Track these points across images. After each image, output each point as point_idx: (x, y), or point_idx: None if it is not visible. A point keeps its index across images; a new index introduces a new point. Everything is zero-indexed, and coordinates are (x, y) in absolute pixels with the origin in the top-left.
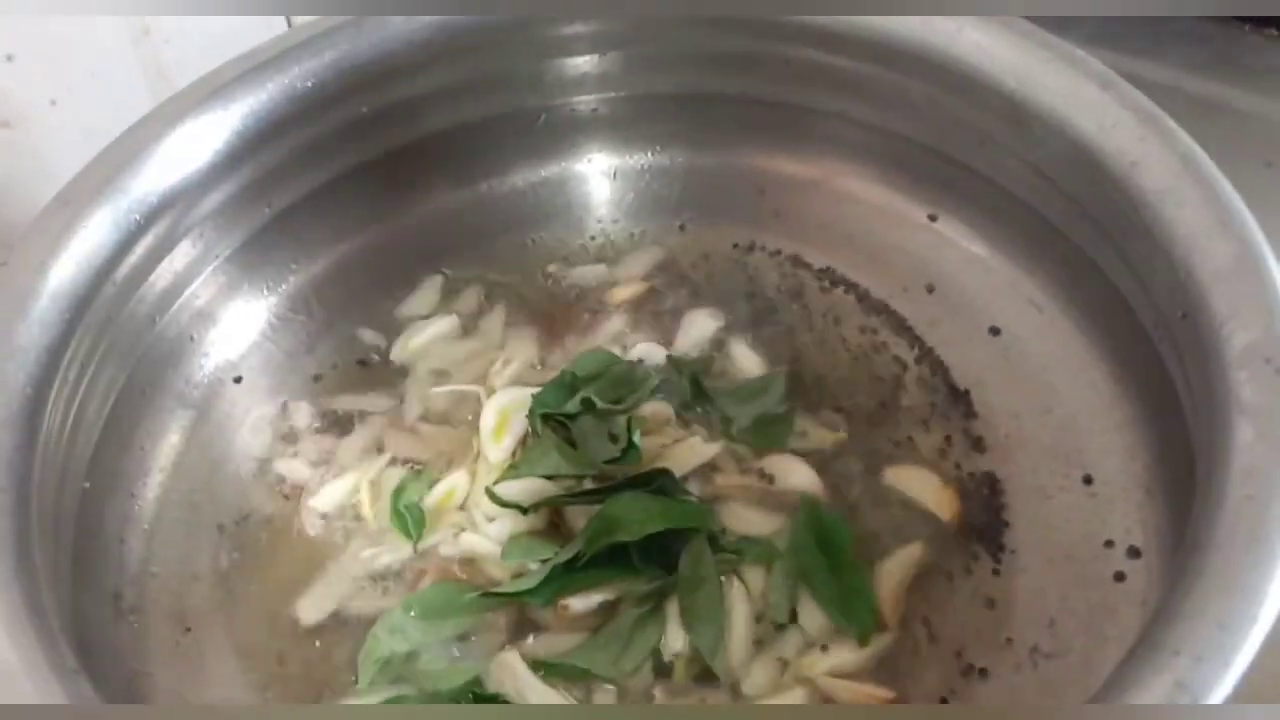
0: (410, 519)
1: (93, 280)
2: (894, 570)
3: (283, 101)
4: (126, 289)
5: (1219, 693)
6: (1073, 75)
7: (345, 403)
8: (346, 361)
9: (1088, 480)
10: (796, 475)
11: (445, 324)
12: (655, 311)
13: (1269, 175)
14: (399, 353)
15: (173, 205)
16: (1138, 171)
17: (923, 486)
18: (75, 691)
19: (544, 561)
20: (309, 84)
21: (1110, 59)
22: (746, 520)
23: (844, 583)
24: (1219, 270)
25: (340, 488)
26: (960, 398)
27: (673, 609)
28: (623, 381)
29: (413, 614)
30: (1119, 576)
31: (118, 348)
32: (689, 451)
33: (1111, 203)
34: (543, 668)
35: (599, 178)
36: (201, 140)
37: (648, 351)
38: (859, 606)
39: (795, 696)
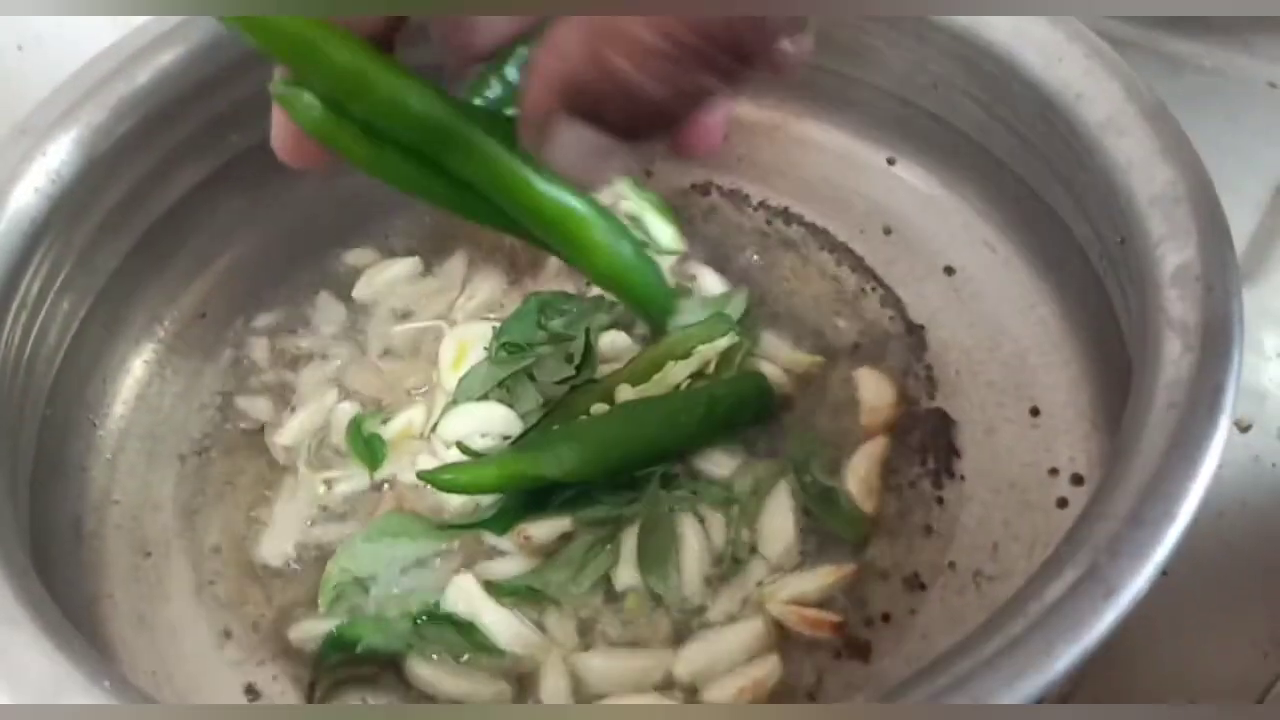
0: (370, 449)
1: (51, 207)
2: (859, 465)
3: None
4: (87, 218)
5: (1135, 585)
6: (1018, 16)
7: (307, 339)
8: (309, 299)
9: (1034, 412)
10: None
11: (407, 264)
12: None
13: (1232, 129)
14: (361, 291)
15: (135, 138)
16: (1082, 103)
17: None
18: (26, 592)
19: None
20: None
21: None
22: (710, 459)
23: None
24: (1157, 195)
25: (300, 419)
26: (915, 333)
27: (628, 543)
28: (587, 313)
29: (369, 542)
30: (1062, 503)
31: (78, 277)
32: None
33: (1058, 136)
34: (496, 589)
35: None
36: (165, 72)
37: None
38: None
39: (754, 625)
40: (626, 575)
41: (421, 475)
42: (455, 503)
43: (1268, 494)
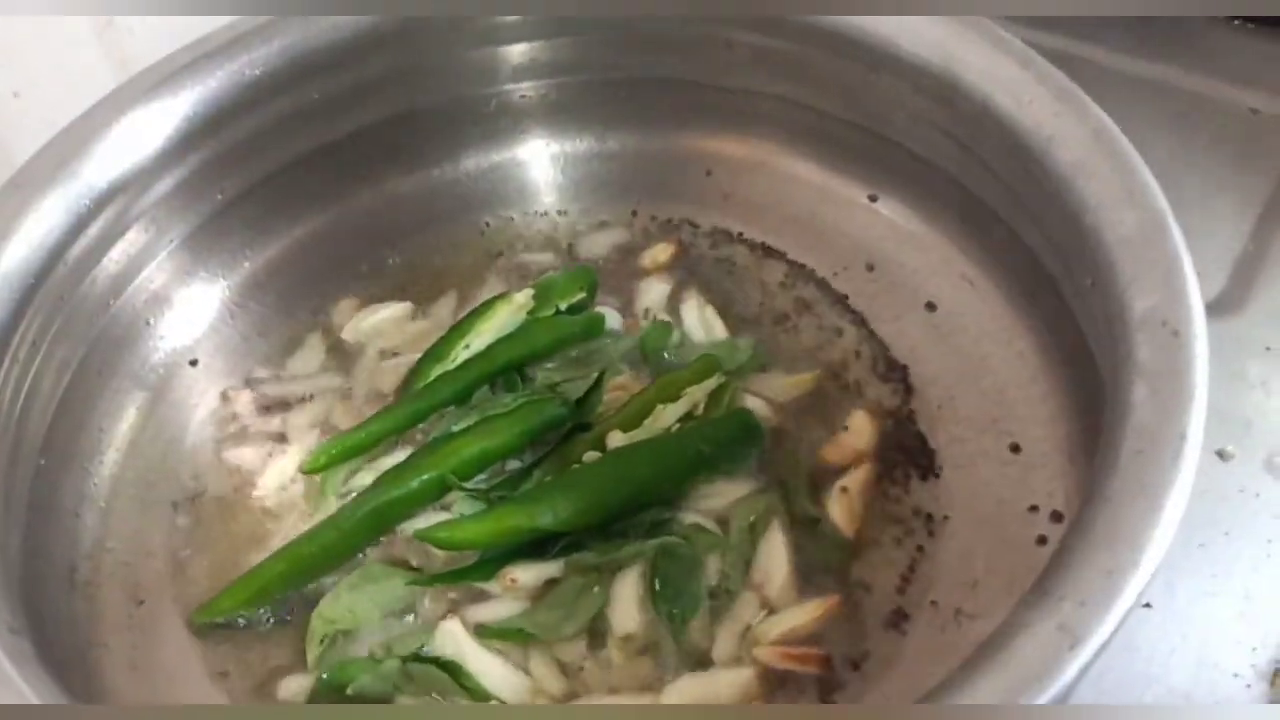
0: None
1: (44, 262)
2: (841, 493)
3: (232, 89)
4: (79, 271)
5: (1100, 634)
6: (994, 54)
7: (295, 385)
8: (298, 345)
9: (1015, 449)
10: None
11: (398, 308)
12: (614, 287)
13: (1215, 154)
14: (350, 333)
15: (124, 190)
16: (1053, 145)
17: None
18: (15, 650)
19: None
20: (258, 71)
21: (1057, 42)
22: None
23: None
24: (1124, 237)
25: (286, 466)
26: (897, 369)
27: (624, 586)
28: (582, 360)
29: (353, 590)
30: (1041, 540)
31: (71, 328)
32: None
33: (1031, 176)
34: (485, 631)
35: (547, 163)
36: (152, 126)
37: (608, 314)
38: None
39: (745, 673)
40: (627, 618)
41: (418, 535)
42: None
43: (1250, 523)
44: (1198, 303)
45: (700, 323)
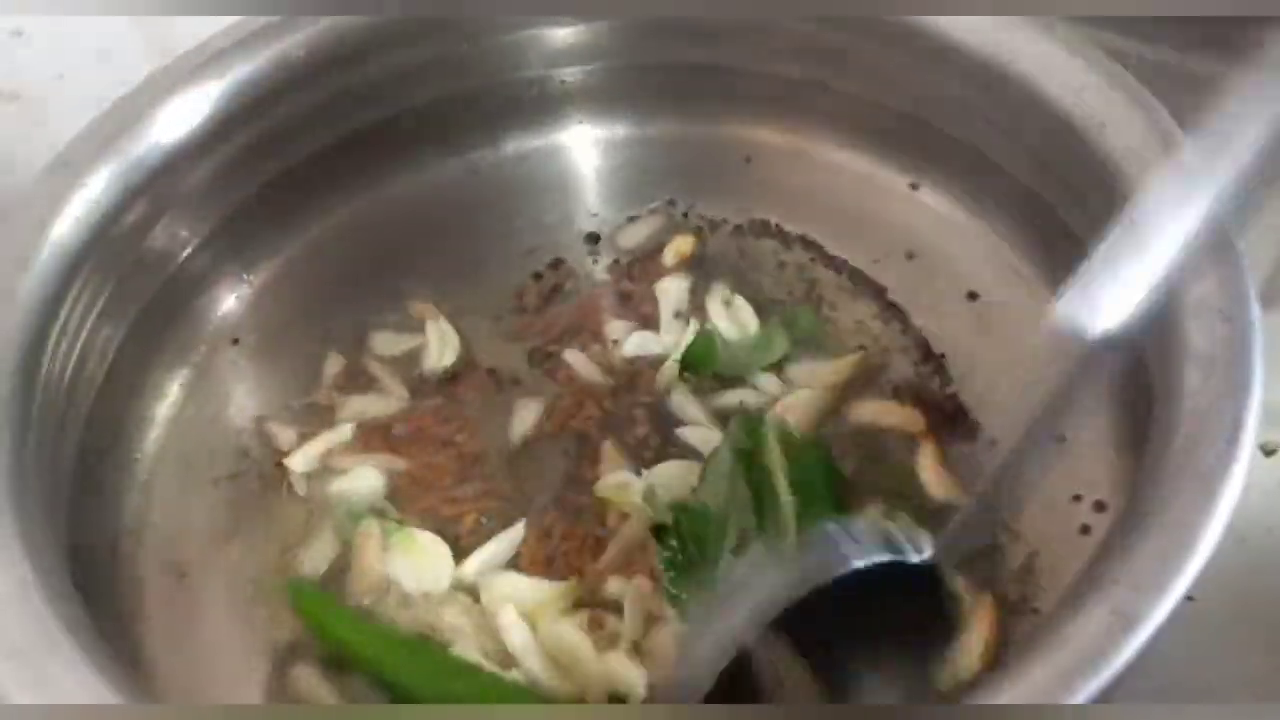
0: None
1: (90, 238)
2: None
3: (276, 69)
4: (124, 249)
5: (1154, 619)
6: (1042, 40)
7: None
8: (344, 328)
9: (1059, 439)
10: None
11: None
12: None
13: None
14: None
15: (169, 169)
16: (1106, 133)
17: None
18: (68, 615)
19: None
20: (302, 52)
21: (1093, 35)
22: None
23: None
24: None
25: (320, 445)
26: (936, 360)
27: None
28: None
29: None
30: (1085, 530)
31: (116, 306)
32: None
33: (1082, 165)
34: None
35: (588, 148)
36: (196, 107)
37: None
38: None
39: None
40: None
41: None
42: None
43: None
44: (1251, 289)
45: (728, 318)
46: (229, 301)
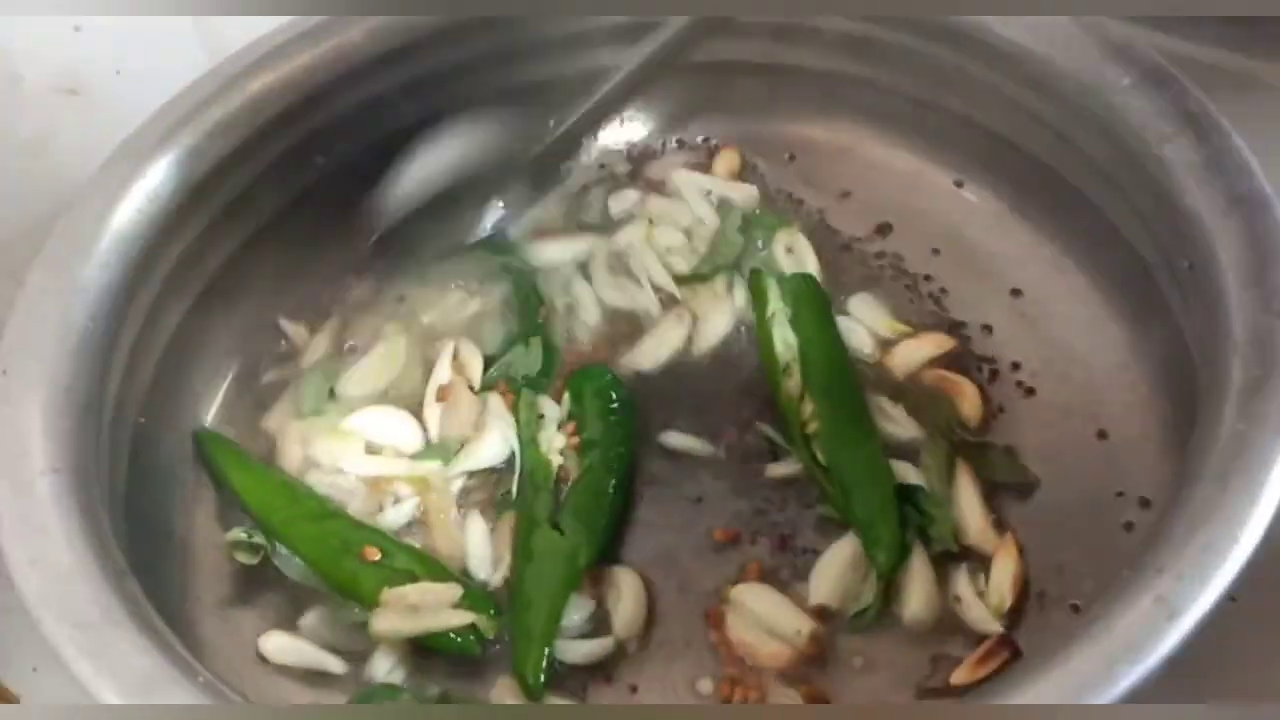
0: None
1: (150, 226)
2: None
3: (336, 62)
4: (184, 236)
5: (1199, 608)
6: (1086, 38)
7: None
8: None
9: (1101, 435)
10: None
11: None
12: None
13: None
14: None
15: (228, 159)
16: (1149, 131)
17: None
18: (124, 591)
19: None
20: (362, 43)
21: (1145, 36)
22: None
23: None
24: (1223, 221)
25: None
26: (982, 355)
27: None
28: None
29: None
30: (1128, 526)
31: (174, 291)
32: None
33: (1126, 161)
34: None
35: (630, 144)
36: (252, 99)
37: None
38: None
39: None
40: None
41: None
42: None
43: None
44: None
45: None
46: (278, 291)
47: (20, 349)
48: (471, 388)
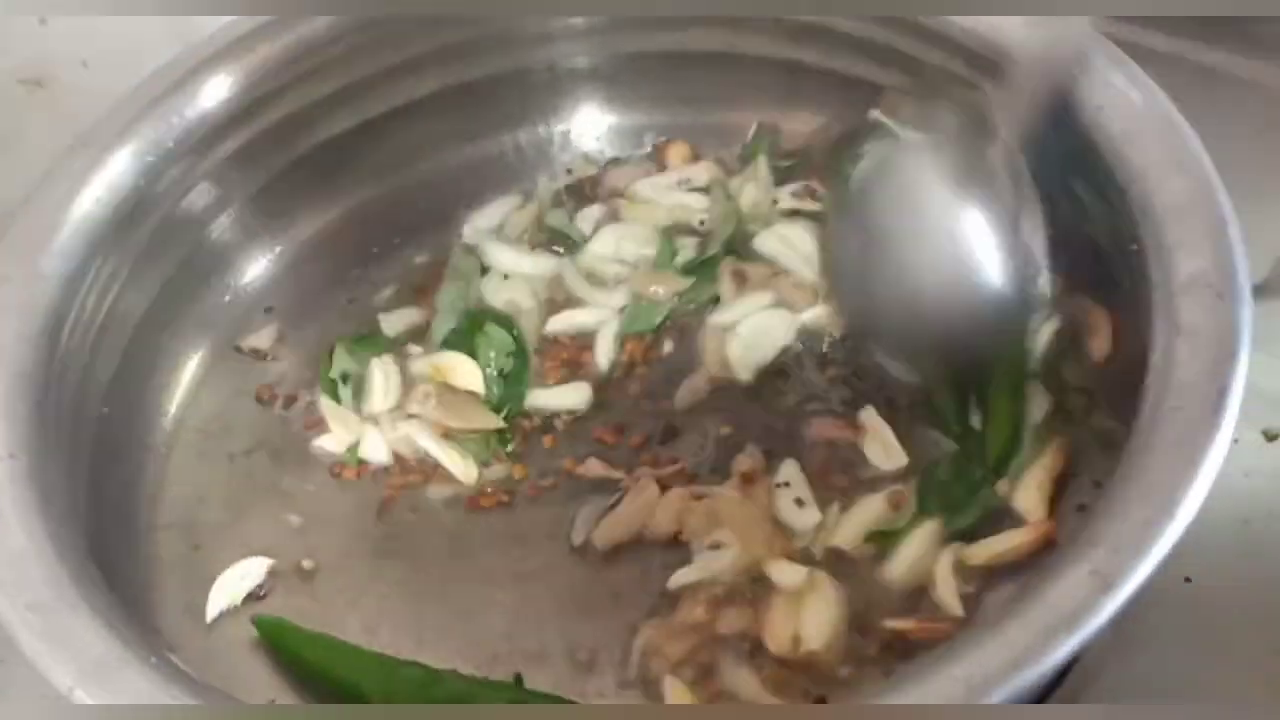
0: None
1: (111, 216)
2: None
3: (300, 52)
4: (146, 223)
5: (1133, 580)
6: (1042, 24)
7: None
8: (368, 298)
9: None
10: None
11: None
12: None
13: (1266, 141)
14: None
15: (191, 147)
16: (1103, 115)
17: None
18: (81, 574)
19: None
20: (325, 36)
21: (1113, 27)
22: None
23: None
24: (1172, 203)
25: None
26: None
27: None
28: None
29: None
30: (1081, 508)
31: (139, 279)
32: None
33: (1077, 144)
34: None
35: (601, 134)
36: (216, 89)
37: None
38: None
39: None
40: None
41: None
42: None
43: None
44: (1243, 267)
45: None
46: (251, 278)
47: None
48: None
